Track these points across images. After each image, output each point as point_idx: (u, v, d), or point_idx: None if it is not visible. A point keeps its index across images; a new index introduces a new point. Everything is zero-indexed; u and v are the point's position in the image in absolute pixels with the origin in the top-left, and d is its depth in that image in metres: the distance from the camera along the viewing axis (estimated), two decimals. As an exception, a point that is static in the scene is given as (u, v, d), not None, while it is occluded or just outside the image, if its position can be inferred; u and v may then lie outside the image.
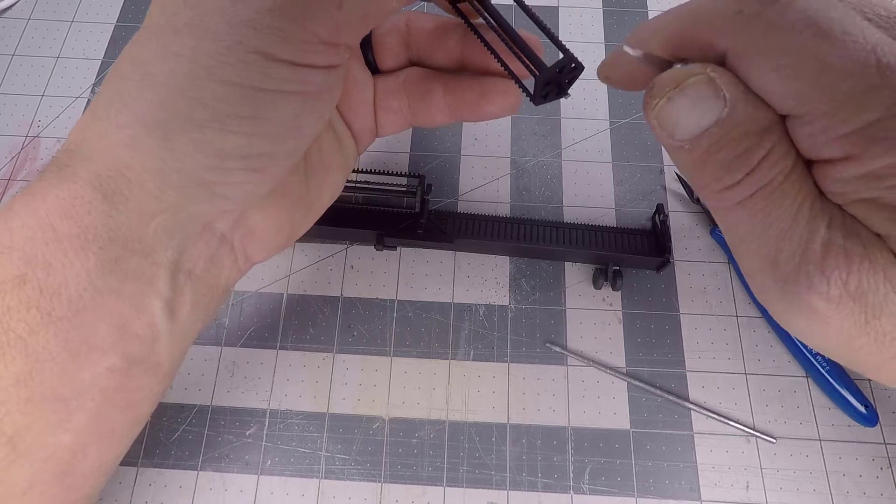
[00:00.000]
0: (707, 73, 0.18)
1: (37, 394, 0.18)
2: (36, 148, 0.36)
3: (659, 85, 0.18)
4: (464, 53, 0.24)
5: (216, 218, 0.20)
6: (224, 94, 0.17)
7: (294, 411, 0.29)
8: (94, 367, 0.19)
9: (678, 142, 0.18)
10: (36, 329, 0.18)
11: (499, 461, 0.28)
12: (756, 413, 0.29)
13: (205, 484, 0.28)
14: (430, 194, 0.32)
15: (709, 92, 0.18)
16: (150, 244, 0.19)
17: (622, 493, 0.28)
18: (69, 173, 0.19)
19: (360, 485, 0.28)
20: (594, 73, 0.22)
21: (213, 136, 0.18)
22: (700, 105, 0.18)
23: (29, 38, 0.40)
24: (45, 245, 0.18)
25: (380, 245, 0.32)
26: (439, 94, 0.24)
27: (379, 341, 0.31)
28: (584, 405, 0.29)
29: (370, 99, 0.25)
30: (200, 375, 0.30)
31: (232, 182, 0.19)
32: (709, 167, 0.18)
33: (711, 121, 0.17)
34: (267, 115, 0.18)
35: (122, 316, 0.19)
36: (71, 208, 0.18)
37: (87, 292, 0.18)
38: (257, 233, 0.22)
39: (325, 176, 0.24)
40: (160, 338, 0.20)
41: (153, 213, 0.19)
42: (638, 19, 0.39)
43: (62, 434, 0.19)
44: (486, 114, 0.24)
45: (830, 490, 0.27)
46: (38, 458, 0.19)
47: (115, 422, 0.20)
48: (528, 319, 0.31)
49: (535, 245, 0.31)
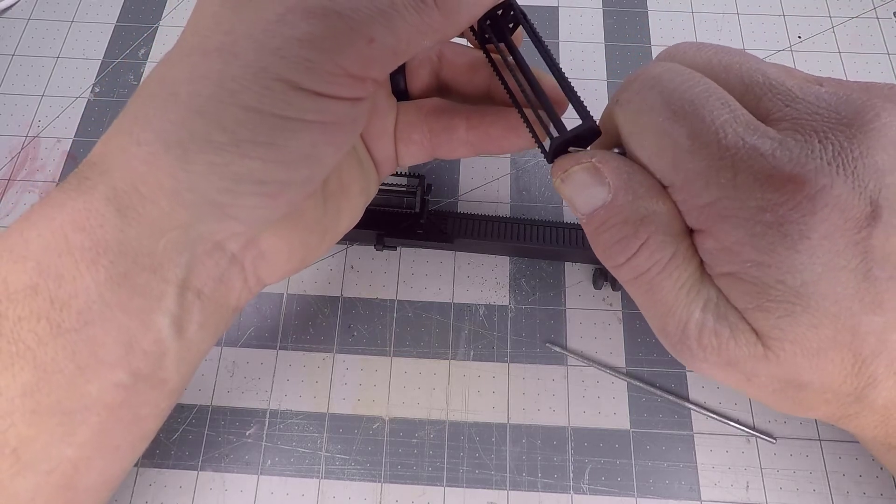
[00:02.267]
0: (592, 161, 0.20)
1: (43, 406, 0.18)
2: (36, 148, 0.36)
3: (554, 169, 0.21)
4: (491, 87, 0.24)
5: (227, 238, 0.20)
6: (244, 119, 0.17)
7: (294, 411, 0.29)
8: (101, 380, 0.19)
9: (579, 214, 0.20)
10: (45, 340, 0.18)
11: (499, 461, 0.28)
12: (756, 413, 0.29)
13: (205, 484, 0.28)
14: (430, 194, 0.32)
15: (592, 178, 0.20)
16: (159, 260, 0.19)
17: (622, 493, 0.28)
18: (88, 186, 0.19)
19: (360, 485, 0.28)
20: (594, 72, 0.22)
21: (230, 160, 0.18)
22: (587, 189, 0.20)
23: (29, 38, 0.40)
24: (58, 256, 0.18)
25: (380, 245, 0.32)
26: (462, 129, 0.24)
27: (379, 341, 0.31)
28: (584, 405, 0.29)
29: (391, 128, 0.25)
30: (200, 375, 0.30)
31: (244, 205, 0.19)
32: (599, 244, 0.20)
33: (598, 204, 0.19)
34: (285, 142, 0.18)
35: (129, 331, 0.19)
36: (85, 221, 0.18)
37: (96, 305, 0.18)
38: (269, 255, 0.22)
39: (344, 200, 0.24)
40: (167, 354, 0.20)
41: (164, 230, 0.19)
42: (638, 19, 0.39)
43: (66, 447, 0.19)
44: (513, 147, 0.24)
45: (830, 490, 0.27)
46: (41, 471, 0.19)
47: (120, 437, 0.20)
48: (528, 319, 0.31)
49: (535, 245, 0.31)
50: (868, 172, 0.17)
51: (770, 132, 0.18)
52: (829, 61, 0.38)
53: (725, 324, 0.19)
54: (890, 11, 0.39)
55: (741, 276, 0.18)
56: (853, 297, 0.17)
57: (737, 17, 0.39)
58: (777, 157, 0.17)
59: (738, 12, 0.40)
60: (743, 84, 0.19)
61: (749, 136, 0.18)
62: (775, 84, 0.19)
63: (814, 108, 0.18)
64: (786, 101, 0.18)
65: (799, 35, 0.39)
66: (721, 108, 0.18)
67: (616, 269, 0.20)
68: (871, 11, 0.39)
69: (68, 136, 0.36)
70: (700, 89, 0.19)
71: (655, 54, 0.38)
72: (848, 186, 0.17)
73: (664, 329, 0.20)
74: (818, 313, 0.17)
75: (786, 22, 0.39)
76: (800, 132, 0.18)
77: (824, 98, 0.18)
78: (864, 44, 0.38)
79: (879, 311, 0.17)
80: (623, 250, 0.19)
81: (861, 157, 0.17)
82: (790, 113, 0.18)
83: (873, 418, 0.20)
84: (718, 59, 0.20)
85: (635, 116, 0.19)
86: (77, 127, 0.37)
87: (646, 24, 0.39)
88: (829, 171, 0.17)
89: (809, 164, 0.17)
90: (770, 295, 0.18)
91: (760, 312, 0.18)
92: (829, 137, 0.17)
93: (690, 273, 0.19)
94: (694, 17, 0.39)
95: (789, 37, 0.39)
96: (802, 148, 0.17)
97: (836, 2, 0.40)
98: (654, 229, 0.19)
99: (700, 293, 0.19)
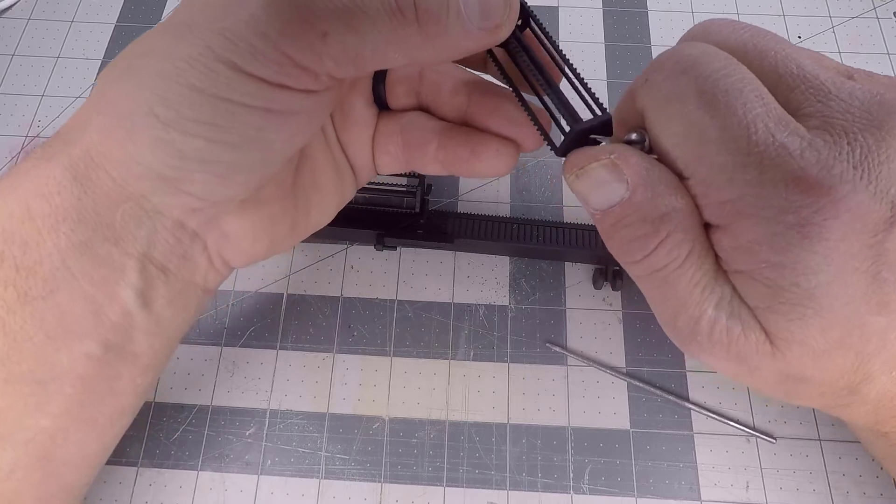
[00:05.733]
0: (611, 158, 0.19)
1: (14, 374, 0.19)
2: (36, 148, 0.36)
3: (567, 164, 0.20)
4: (468, 112, 0.24)
5: (185, 214, 0.20)
6: (188, 97, 0.17)
7: (294, 411, 0.29)
8: (71, 350, 0.19)
9: (592, 209, 0.20)
10: (13, 308, 0.18)
11: (499, 461, 0.28)
12: (756, 413, 0.29)
13: (205, 484, 0.28)
14: (430, 194, 0.32)
15: (611, 175, 0.19)
16: (118, 233, 0.19)
17: (622, 493, 0.28)
18: (50, 154, 0.19)
19: (360, 485, 0.28)
20: (594, 72, 0.22)
21: (175, 137, 0.18)
22: (604, 186, 0.19)
23: (29, 38, 0.40)
24: (21, 223, 0.18)
25: (380, 245, 0.32)
26: (433, 146, 0.24)
27: (379, 341, 0.31)
28: (584, 405, 0.29)
29: (369, 137, 0.25)
30: (200, 375, 0.30)
31: (194, 181, 0.19)
32: (614, 241, 0.20)
33: (615, 200, 0.19)
34: (227, 123, 0.18)
35: (95, 301, 0.19)
36: (44, 187, 0.18)
37: (60, 273, 0.18)
38: (233, 237, 0.22)
39: (315, 196, 0.24)
40: (136, 327, 0.20)
41: (118, 201, 0.19)
42: (638, 19, 0.39)
43: (42, 417, 0.19)
44: (477, 172, 0.24)
45: (830, 490, 0.27)
46: (19, 441, 0.19)
47: (96, 410, 0.21)
48: (528, 319, 0.31)
49: (535, 245, 0.31)
50: (892, 176, 0.17)
51: (800, 130, 0.17)
52: (829, 61, 0.38)
53: (737, 321, 0.18)
54: (890, 11, 0.39)
55: (755, 275, 0.18)
56: (861, 298, 0.17)
57: (737, 17, 0.39)
58: (805, 159, 0.17)
59: (738, 12, 0.40)
60: (777, 73, 0.19)
61: (780, 132, 0.17)
62: (809, 77, 0.18)
63: (846, 107, 0.17)
64: (818, 97, 0.18)
65: (799, 35, 0.39)
66: (755, 100, 0.17)
67: (630, 265, 0.20)
68: (871, 11, 0.39)
69: (68, 136, 0.36)
70: (735, 78, 0.18)
71: (655, 54, 0.38)
72: (871, 191, 0.17)
73: (673, 322, 0.20)
74: (829, 316, 0.17)
75: (786, 22, 0.39)
76: (829, 132, 0.17)
77: (857, 96, 0.18)
78: (864, 44, 0.38)
79: (884, 312, 0.17)
80: (641, 248, 0.19)
81: (887, 162, 0.17)
82: (822, 109, 0.18)
83: (865, 408, 0.20)
84: (754, 44, 0.19)
85: (665, 101, 0.19)
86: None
87: (646, 24, 0.39)
88: (855, 175, 0.17)
89: (836, 168, 0.17)
90: (783, 297, 0.17)
91: (772, 314, 0.18)
92: (858, 140, 0.17)
93: (706, 270, 0.19)
94: (694, 17, 0.39)
95: (789, 37, 0.39)
96: (831, 150, 0.17)
97: (836, 2, 0.40)
98: (673, 226, 0.18)
99: (714, 290, 0.19)
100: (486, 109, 0.23)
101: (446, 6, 0.18)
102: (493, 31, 0.18)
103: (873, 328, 0.17)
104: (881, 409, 0.20)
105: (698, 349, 0.19)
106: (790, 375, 0.19)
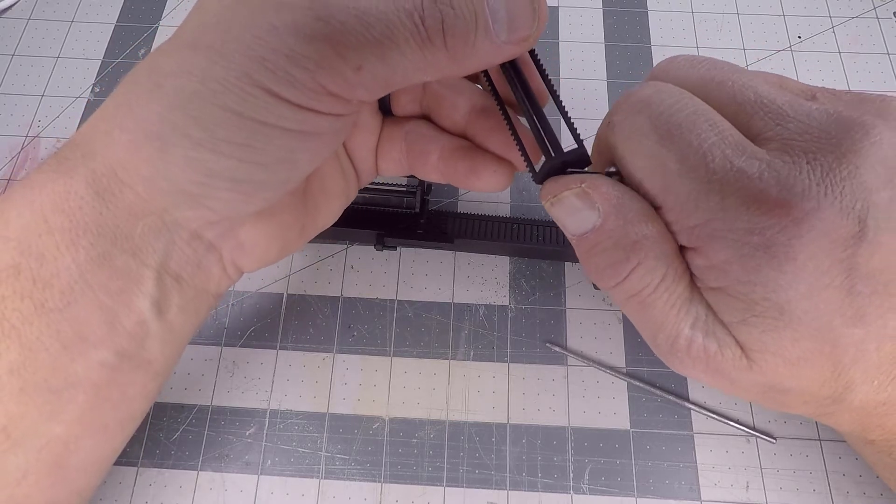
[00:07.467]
0: (582, 187, 0.20)
1: (30, 383, 0.19)
2: (36, 148, 0.36)
3: (543, 192, 0.21)
4: (467, 128, 0.24)
5: (203, 226, 0.20)
6: (223, 119, 0.18)
7: (294, 411, 0.29)
8: (86, 359, 0.19)
9: (569, 235, 0.21)
10: (30, 319, 0.18)
11: (499, 461, 0.28)
12: (756, 413, 0.29)
13: (205, 484, 0.28)
14: (430, 194, 0.32)
15: (582, 203, 0.20)
16: (137, 244, 0.19)
17: (622, 493, 0.28)
18: (68, 167, 0.19)
19: (360, 485, 0.28)
20: (594, 72, 0.22)
21: (206, 156, 0.18)
22: (577, 213, 0.20)
23: (29, 38, 0.40)
24: (39, 237, 0.19)
25: (380, 245, 0.32)
26: (434, 157, 0.25)
27: (379, 341, 0.31)
28: (584, 405, 0.29)
29: (374, 143, 0.25)
30: (200, 375, 0.30)
31: (218, 198, 0.19)
32: (590, 266, 0.21)
33: (588, 227, 0.20)
34: (261, 145, 0.18)
35: (111, 311, 0.19)
36: (64, 202, 0.19)
37: (78, 285, 0.19)
38: (247, 246, 0.22)
39: (323, 201, 0.25)
40: (150, 336, 0.20)
41: (140, 215, 0.19)
42: (638, 19, 0.39)
43: (55, 425, 0.19)
44: (474, 188, 0.24)
45: (830, 490, 0.27)
46: (31, 448, 0.19)
47: (108, 416, 0.21)
48: (528, 319, 0.31)
49: (535, 245, 0.31)
50: (856, 192, 0.17)
51: (759, 153, 0.18)
52: (829, 61, 0.38)
53: (713, 339, 0.19)
54: (890, 11, 0.39)
55: (729, 291, 0.18)
56: (835, 311, 0.18)
57: (737, 17, 0.39)
58: (764, 180, 0.17)
59: (738, 12, 0.39)
60: (735, 102, 0.19)
61: (737, 158, 0.18)
62: (766, 102, 0.19)
63: (804, 128, 0.18)
64: (776, 121, 0.18)
65: (799, 35, 0.39)
66: (709, 130, 0.18)
67: (608, 289, 0.20)
68: (871, 11, 0.39)
69: (68, 136, 0.36)
70: (689, 111, 0.19)
71: (655, 54, 0.38)
72: (835, 208, 0.17)
73: (654, 340, 0.20)
74: (800, 328, 0.18)
75: (786, 22, 0.39)
76: (788, 153, 0.18)
77: (815, 117, 0.18)
78: (864, 44, 0.38)
79: (861, 324, 0.18)
80: (614, 274, 0.20)
81: (849, 178, 0.17)
82: (780, 132, 0.18)
83: (850, 416, 0.20)
84: (711, 76, 0.20)
85: (626, 140, 0.20)
86: (77, 127, 0.37)
87: (646, 24, 0.39)
88: (817, 193, 0.17)
89: (797, 187, 0.17)
90: (755, 311, 0.18)
91: (745, 326, 0.18)
92: (817, 158, 0.17)
93: (680, 292, 0.19)
94: (694, 17, 0.39)
95: (789, 37, 0.39)
96: (790, 170, 0.17)
97: (836, 2, 0.40)
98: (644, 254, 0.19)
99: (689, 311, 0.19)
100: (484, 129, 0.24)
101: (474, 25, 0.18)
102: (519, 43, 0.19)
103: (850, 339, 0.18)
104: (866, 418, 0.20)
105: (679, 364, 0.20)
106: (770, 386, 0.19)
